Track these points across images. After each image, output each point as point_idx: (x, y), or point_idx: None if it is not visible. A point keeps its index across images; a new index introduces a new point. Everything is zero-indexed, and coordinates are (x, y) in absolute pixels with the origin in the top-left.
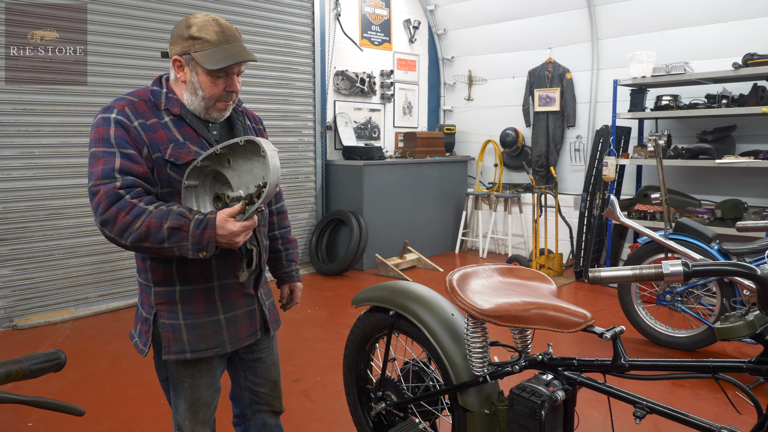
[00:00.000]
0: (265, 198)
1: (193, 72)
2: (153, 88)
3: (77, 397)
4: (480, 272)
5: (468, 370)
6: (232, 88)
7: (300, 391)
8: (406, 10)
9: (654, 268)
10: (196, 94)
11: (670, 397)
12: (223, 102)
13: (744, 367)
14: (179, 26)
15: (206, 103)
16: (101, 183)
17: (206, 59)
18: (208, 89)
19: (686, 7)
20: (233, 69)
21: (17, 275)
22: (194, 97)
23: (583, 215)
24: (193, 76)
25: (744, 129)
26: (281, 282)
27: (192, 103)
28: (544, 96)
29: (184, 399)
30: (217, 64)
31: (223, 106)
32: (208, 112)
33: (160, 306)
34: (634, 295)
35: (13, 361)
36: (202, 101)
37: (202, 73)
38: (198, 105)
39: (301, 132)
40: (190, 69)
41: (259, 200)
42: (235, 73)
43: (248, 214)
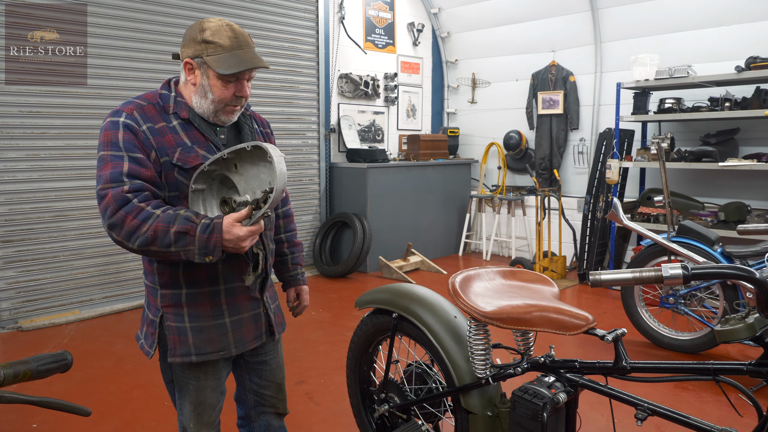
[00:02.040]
0: (272, 203)
1: (204, 75)
2: (162, 92)
3: (82, 398)
4: (482, 275)
5: (470, 372)
6: (241, 93)
7: (303, 393)
8: (410, 13)
9: (654, 271)
10: (206, 97)
11: (673, 400)
12: (231, 106)
13: (745, 369)
14: (193, 29)
15: (216, 106)
16: (109, 187)
17: (219, 64)
18: (219, 93)
19: (689, 11)
20: (244, 74)
21: (22, 277)
22: (204, 100)
23: (587, 218)
24: (203, 80)
25: (747, 132)
26: (287, 285)
27: (201, 106)
28: (548, 99)
29: (189, 401)
30: (230, 69)
31: (231, 110)
32: (217, 116)
33: (166, 308)
34: (637, 298)
35: (21, 362)
36: (212, 104)
37: (213, 77)
38: (207, 108)
39: (305, 134)
40: (201, 72)
41: (266, 205)
42: (246, 79)
43: (255, 219)
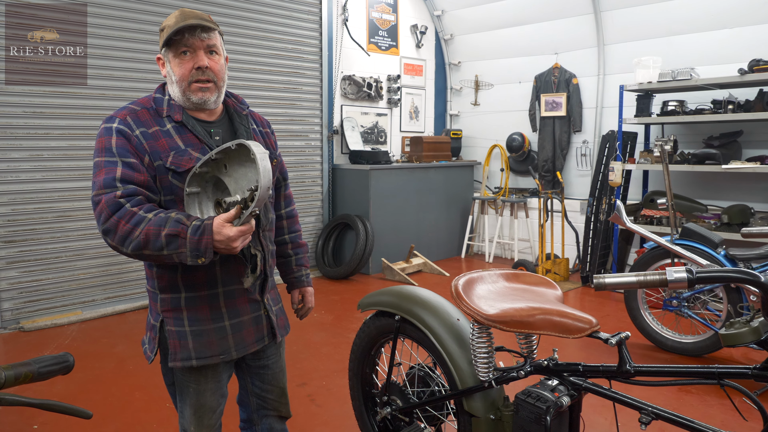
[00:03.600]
0: (258, 201)
1: (167, 63)
2: (156, 96)
3: (83, 399)
4: (485, 277)
5: (473, 375)
6: (199, 63)
7: (305, 395)
8: (413, 15)
9: (658, 275)
10: (173, 81)
11: (677, 403)
12: (197, 83)
13: (749, 373)
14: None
15: (181, 87)
16: (103, 192)
17: (165, 41)
18: (178, 70)
19: (692, 13)
20: (196, 43)
21: (25, 277)
22: (173, 87)
23: (590, 220)
24: (168, 68)
25: (750, 134)
26: (291, 287)
27: (175, 95)
28: (551, 101)
29: (189, 404)
30: (168, 34)
31: (198, 87)
32: (188, 98)
33: (166, 313)
34: (641, 301)
35: (22, 364)
36: (178, 88)
37: (171, 59)
38: (177, 94)
39: (308, 136)
40: (166, 62)
41: (253, 204)
42: (201, 49)
43: (244, 219)
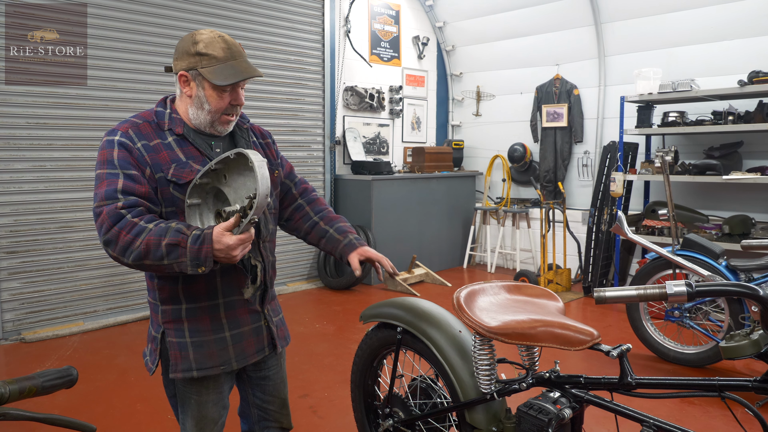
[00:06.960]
0: (257, 209)
1: (199, 87)
2: (157, 109)
3: (85, 411)
4: (487, 289)
5: (475, 387)
6: (237, 102)
7: (307, 407)
8: (415, 27)
9: (658, 289)
10: (203, 108)
11: (680, 415)
12: (227, 115)
13: (750, 385)
14: (185, 42)
15: (212, 116)
16: (104, 204)
17: (214, 75)
18: (215, 103)
19: (692, 26)
20: (239, 83)
21: (26, 288)
22: (200, 111)
23: (591, 230)
24: (199, 91)
25: (750, 145)
26: (343, 256)
27: (198, 117)
28: (552, 112)
29: (191, 416)
30: (226, 80)
31: (227, 119)
32: (213, 126)
33: (167, 324)
34: (643, 311)
35: (26, 378)
36: (208, 115)
37: (209, 88)
38: (204, 119)
39: (311, 147)
40: (196, 84)
41: (251, 212)
42: (241, 87)
43: (243, 227)
